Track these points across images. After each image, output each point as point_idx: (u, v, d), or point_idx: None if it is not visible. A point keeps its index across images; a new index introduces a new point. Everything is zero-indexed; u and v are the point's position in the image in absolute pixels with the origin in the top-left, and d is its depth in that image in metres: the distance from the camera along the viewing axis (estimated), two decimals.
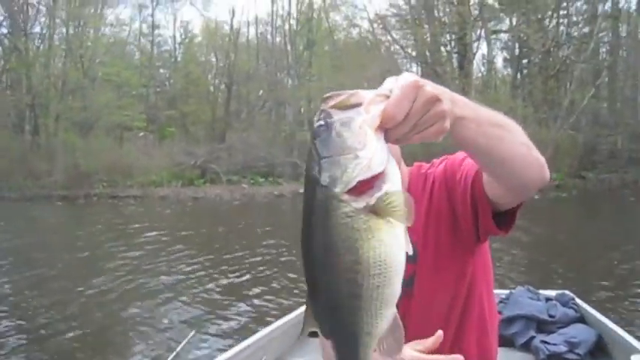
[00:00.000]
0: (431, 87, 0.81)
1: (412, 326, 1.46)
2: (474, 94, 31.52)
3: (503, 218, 1.35)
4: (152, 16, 38.73)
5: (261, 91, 37.02)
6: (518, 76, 32.62)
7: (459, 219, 1.42)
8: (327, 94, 0.79)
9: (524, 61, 32.56)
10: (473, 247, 1.47)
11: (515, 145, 1.08)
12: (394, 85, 0.79)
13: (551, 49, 29.54)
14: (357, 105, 0.77)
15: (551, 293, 3.20)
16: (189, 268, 9.58)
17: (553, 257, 9.83)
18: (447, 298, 1.49)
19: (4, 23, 32.75)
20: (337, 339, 0.83)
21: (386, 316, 0.81)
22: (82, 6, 33.27)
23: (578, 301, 3.09)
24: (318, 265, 0.79)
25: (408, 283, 1.47)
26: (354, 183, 0.74)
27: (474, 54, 32.30)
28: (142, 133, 35.34)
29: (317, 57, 36.56)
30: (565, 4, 31.02)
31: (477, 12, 31.51)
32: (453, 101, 0.87)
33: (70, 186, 26.68)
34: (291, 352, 2.81)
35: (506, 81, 34.74)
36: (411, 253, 0.81)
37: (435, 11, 33.06)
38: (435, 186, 1.49)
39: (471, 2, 31.60)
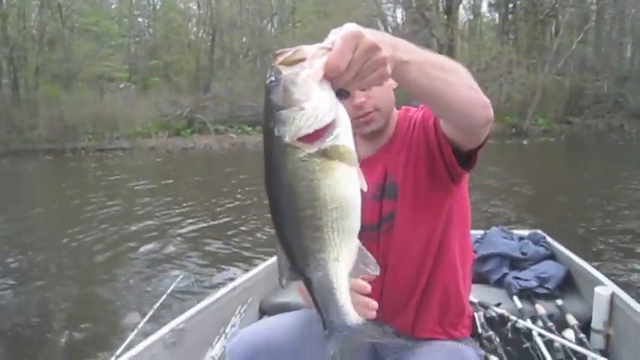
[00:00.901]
0: (371, 35, 0.85)
1: (393, 260, 1.62)
2: (459, 40, 31.26)
3: (468, 158, 1.46)
4: None
5: (244, 39, 36.29)
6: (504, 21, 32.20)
7: (434, 159, 1.51)
8: (277, 51, 0.85)
9: (510, 5, 32.13)
10: (449, 187, 1.56)
11: (460, 87, 1.12)
12: (336, 36, 0.83)
13: None
14: (302, 60, 0.82)
15: (524, 232, 3.32)
16: (176, 215, 9.67)
17: (529, 199, 10.11)
18: (425, 233, 1.59)
19: None
20: (309, 276, 0.89)
21: (349, 246, 0.88)
22: None
23: (549, 239, 3.22)
24: (282, 207, 0.86)
25: (388, 218, 1.61)
26: (302, 132, 0.81)
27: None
28: (122, 85, 34.66)
29: (300, 2, 35.77)
30: None
31: None
32: (394, 47, 0.91)
33: (55, 139, 26.32)
34: (277, 293, 2.88)
35: (490, 26, 34.35)
36: (365, 189, 0.87)
37: None
38: (414, 129, 1.59)
39: None
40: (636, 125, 24.96)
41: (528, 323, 2.34)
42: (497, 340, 2.19)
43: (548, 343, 2.19)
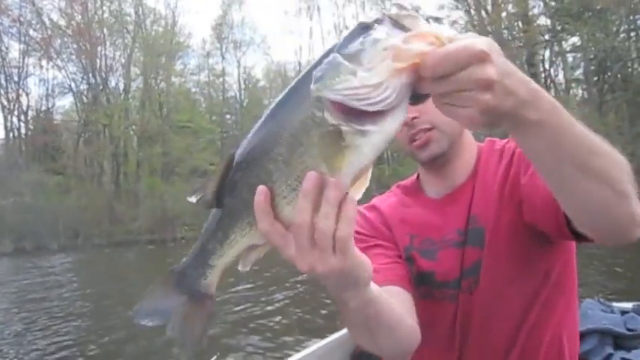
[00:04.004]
0: (502, 61, 0.67)
1: (476, 328, 1.25)
2: None
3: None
4: (222, 63, 40.27)
5: None
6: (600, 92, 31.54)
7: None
8: (399, 3, 0.69)
9: (595, 78, 31.55)
10: (553, 238, 1.17)
11: (603, 189, 0.82)
12: (466, 39, 0.66)
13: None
14: (404, 29, 0.67)
15: (627, 305, 2.70)
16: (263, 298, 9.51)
17: (631, 269, 8.99)
18: (520, 294, 1.22)
19: (84, 80, 34.32)
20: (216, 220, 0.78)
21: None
22: (157, 57, 34.60)
23: None
24: (257, 145, 0.73)
25: (471, 271, 1.24)
26: (329, 94, 0.66)
27: (547, 75, 31.57)
28: None
29: None
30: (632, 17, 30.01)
31: (545, 35, 30.96)
32: (527, 91, 0.70)
33: (155, 230, 27.15)
34: None
35: (574, 100, 33.69)
36: (357, 197, 0.71)
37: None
38: (511, 163, 1.24)
39: (537, 23, 31.06)
40: None
41: None
42: None
43: None
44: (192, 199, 0.76)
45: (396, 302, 1.15)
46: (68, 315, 9.42)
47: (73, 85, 34.67)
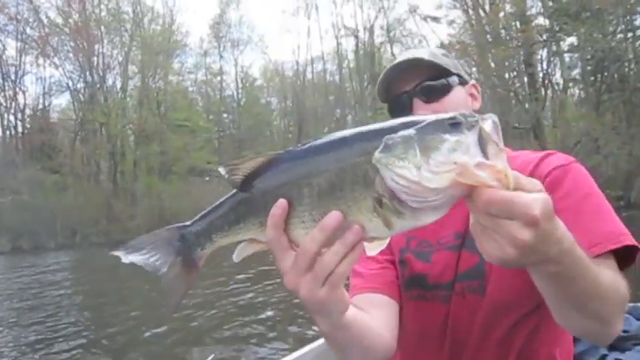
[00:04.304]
0: (547, 228, 0.69)
1: (471, 328, 1.24)
2: (550, 114, 30.68)
3: None
4: (220, 62, 40.15)
5: (326, 128, 37.19)
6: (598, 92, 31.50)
7: None
8: (497, 121, 0.70)
9: (593, 78, 31.53)
10: None
11: (593, 320, 0.93)
12: (528, 195, 0.68)
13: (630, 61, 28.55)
14: (484, 152, 0.68)
15: None
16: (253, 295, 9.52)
17: (626, 271, 9.03)
18: (522, 304, 1.21)
19: (81, 78, 34.19)
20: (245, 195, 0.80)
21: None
22: (155, 55, 34.48)
23: None
24: (305, 167, 0.76)
25: (467, 276, 1.23)
26: (386, 175, 0.69)
27: (545, 75, 31.53)
28: (207, 178, 35.83)
29: None
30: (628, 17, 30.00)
31: (543, 35, 30.88)
32: (559, 249, 0.73)
33: (153, 229, 26.84)
34: None
35: (571, 100, 33.66)
36: (371, 254, 0.76)
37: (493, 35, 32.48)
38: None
39: (534, 23, 31.01)
40: None
41: None
42: None
43: None
44: (223, 172, 0.79)
45: (376, 314, 1.18)
46: (63, 313, 9.40)
47: (70, 83, 34.64)
